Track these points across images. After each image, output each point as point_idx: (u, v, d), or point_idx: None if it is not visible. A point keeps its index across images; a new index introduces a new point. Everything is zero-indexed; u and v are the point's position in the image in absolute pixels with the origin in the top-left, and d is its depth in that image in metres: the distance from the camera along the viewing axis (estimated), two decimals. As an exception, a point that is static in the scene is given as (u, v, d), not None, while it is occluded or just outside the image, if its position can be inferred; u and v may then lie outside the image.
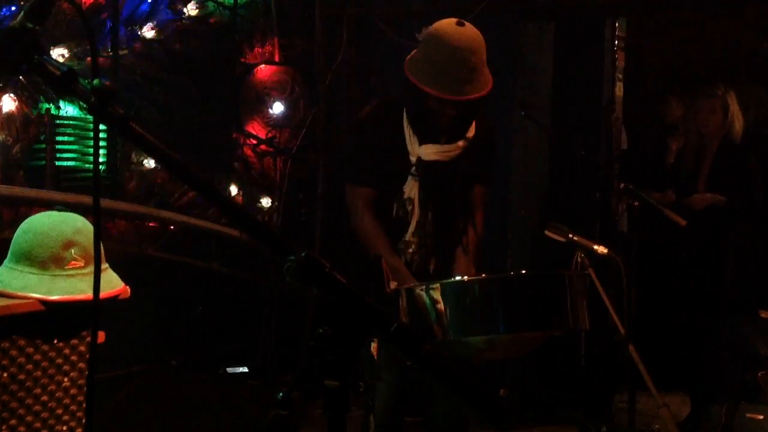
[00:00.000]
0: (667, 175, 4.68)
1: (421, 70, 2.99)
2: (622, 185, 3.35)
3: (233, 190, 5.10)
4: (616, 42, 4.62)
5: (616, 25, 4.63)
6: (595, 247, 3.01)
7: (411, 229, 3.13)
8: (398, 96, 3.19)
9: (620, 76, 4.67)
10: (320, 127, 5.23)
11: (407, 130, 3.11)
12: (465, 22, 2.98)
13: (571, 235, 3.04)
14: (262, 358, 5.01)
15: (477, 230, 3.22)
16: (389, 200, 3.15)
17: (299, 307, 4.98)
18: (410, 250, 3.16)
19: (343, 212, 4.73)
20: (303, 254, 1.10)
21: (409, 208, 3.13)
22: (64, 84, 1.16)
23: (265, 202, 5.25)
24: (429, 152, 3.09)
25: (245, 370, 4.72)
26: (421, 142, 3.10)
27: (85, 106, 1.18)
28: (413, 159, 3.10)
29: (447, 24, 2.99)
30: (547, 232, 3.14)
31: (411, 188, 3.12)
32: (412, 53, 3.07)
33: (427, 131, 3.09)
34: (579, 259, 3.00)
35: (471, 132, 3.14)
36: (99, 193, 1.25)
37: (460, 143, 3.12)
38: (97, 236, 1.29)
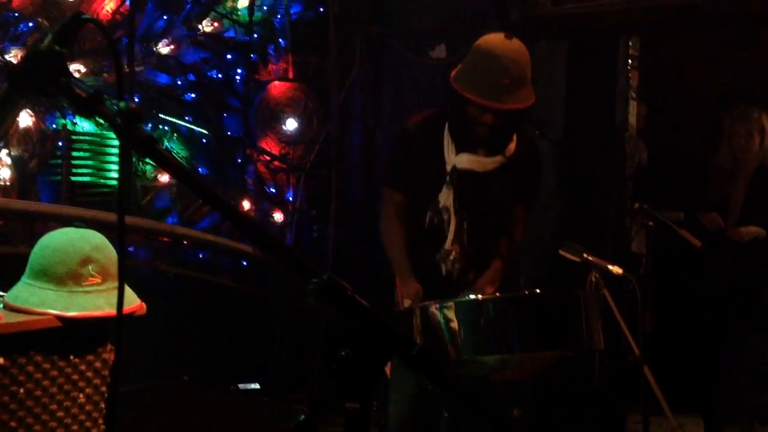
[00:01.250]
0: (685, 196, 4.65)
1: (463, 77, 3.04)
2: (637, 205, 3.34)
3: (246, 205, 5.12)
4: (630, 61, 4.63)
5: (629, 44, 4.64)
6: (610, 267, 3.00)
7: (450, 237, 3.16)
8: (443, 107, 3.24)
9: (634, 95, 4.67)
10: (333, 143, 5.25)
11: (447, 139, 3.15)
12: (513, 37, 3.03)
13: (585, 255, 3.04)
14: (274, 373, 5.01)
15: (511, 248, 3.26)
16: (423, 208, 3.19)
17: (311, 323, 4.98)
18: (451, 258, 3.18)
19: (355, 229, 4.76)
20: (325, 276, 1.11)
21: (445, 216, 3.17)
22: (90, 106, 1.17)
23: (278, 217, 5.26)
24: (464, 161, 3.13)
25: (257, 386, 4.72)
26: (458, 151, 3.13)
27: (102, 122, 1.19)
28: (449, 167, 3.14)
29: (494, 36, 3.05)
30: (561, 252, 3.14)
31: (446, 197, 3.16)
32: (459, 65, 3.11)
33: (465, 140, 3.13)
34: (593, 279, 2.99)
35: (511, 149, 3.17)
36: (124, 210, 1.26)
37: (499, 158, 3.15)
38: (122, 253, 1.30)
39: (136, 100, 4.53)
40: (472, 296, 2.91)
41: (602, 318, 2.89)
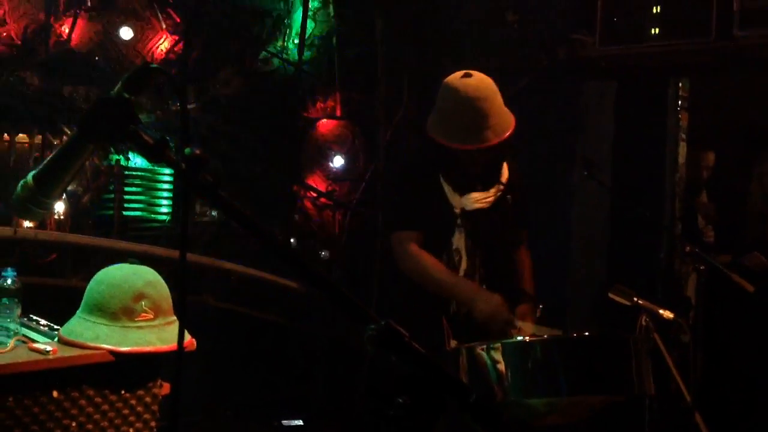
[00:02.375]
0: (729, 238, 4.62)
1: (442, 127, 3.06)
2: (688, 248, 3.30)
3: (292, 241, 5.16)
4: (679, 102, 4.60)
5: (679, 85, 4.60)
6: (661, 311, 2.96)
7: None
8: (430, 154, 3.24)
9: (683, 136, 4.63)
10: (379, 181, 5.28)
11: (446, 186, 3.16)
12: (471, 73, 3.04)
13: (635, 299, 2.99)
14: (317, 409, 5.01)
15: (530, 277, 3.30)
16: (438, 252, 3.17)
17: (354, 359, 4.98)
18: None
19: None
20: (383, 323, 1.12)
21: (456, 258, 3.17)
22: (157, 152, 1.20)
23: (324, 253, 5.29)
24: (470, 201, 3.14)
25: (300, 423, 4.72)
26: (461, 194, 3.14)
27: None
28: (458, 211, 3.14)
29: (453, 78, 3.06)
30: (610, 295, 3.10)
31: (458, 239, 3.16)
32: (430, 115, 3.13)
33: (464, 183, 3.14)
34: (643, 323, 2.95)
35: (505, 175, 3.21)
36: (186, 249, 1.29)
37: (496, 188, 3.18)
38: (183, 289, 1.32)
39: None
40: (519, 338, 2.89)
41: (652, 362, 2.85)
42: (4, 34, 4.11)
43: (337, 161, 5.31)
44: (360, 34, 5.34)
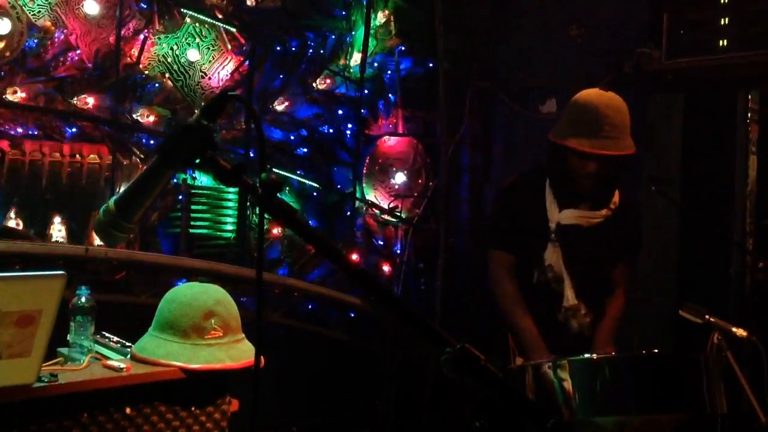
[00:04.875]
0: None
1: (563, 130, 3.11)
2: (761, 264, 3.22)
3: (354, 257, 5.18)
4: (749, 114, 4.49)
5: (749, 97, 4.49)
6: (734, 329, 2.89)
7: (570, 293, 3.18)
8: (542, 165, 3.28)
9: (753, 149, 4.51)
10: (441, 197, 5.28)
11: (549, 197, 3.18)
12: (608, 90, 3.12)
13: (707, 316, 2.94)
14: (382, 426, 5.00)
15: (619, 308, 3.28)
16: (529, 267, 3.21)
17: (418, 375, 4.97)
18: (582, 312, 3.20)
19: (463, 282, 4.73)
20: (459, 346, 1.12)
21: (550, 275, 3.18)
22: (234, 177, 1.23)
23: (386, 270, 5.30)
24: (568, 216, 3.15)
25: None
26: (562, 208, 3.16)
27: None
28: (552, 225, 3.14)
29: (590, 90, 3.13)
30: (682, 312, 3.05)
31: (551, 254, 3.18)
32: (557, 123, 3.17)
33: (568, 195, 3.16)
34: (716, 341, 2.89)
35: (615, 201, 3.19)
36: (262, 269, 1.31)
37: (603, 212, 3.18)
38: (260, 308, 1.34)
39: (252, 155, 4.69)
40: (587, 355, 2.86)
41: (725, 382, 2.78)
42: (77, 57, 4.24)
43: (399, 178, 5.33)
44: (422, 51, 5.36)
